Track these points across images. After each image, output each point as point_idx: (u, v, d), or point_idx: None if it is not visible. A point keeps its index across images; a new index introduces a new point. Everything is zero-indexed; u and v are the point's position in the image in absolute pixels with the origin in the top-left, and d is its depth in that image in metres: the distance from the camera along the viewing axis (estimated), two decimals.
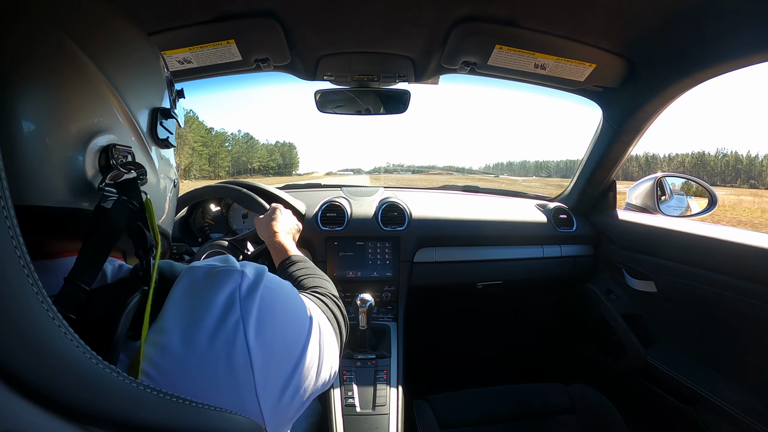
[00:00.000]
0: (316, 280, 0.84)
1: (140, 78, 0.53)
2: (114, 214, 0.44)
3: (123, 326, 0.40)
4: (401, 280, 1.57)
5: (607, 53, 1.22)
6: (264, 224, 1.11)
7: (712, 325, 1.29)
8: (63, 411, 0.31)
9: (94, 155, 0.44)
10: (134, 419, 0.35)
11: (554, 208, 1.75)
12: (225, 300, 0.46)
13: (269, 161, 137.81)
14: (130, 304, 0.41)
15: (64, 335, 0.31)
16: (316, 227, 1.57)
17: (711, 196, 1.61)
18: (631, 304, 1.59)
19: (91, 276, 0.40)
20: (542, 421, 1.45)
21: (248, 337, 0.46)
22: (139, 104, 0.51)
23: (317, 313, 0.63)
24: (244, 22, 1.12)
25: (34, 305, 0.30)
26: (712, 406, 1.23)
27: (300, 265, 0.90)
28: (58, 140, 0.42)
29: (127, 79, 0.49)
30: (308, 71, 1.40)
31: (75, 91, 0.43)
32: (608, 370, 1.67)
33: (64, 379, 0.31)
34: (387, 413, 1.22)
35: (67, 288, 0.38)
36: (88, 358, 0.32)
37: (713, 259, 1.22)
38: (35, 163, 0.40)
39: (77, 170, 0.43)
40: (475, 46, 1.21)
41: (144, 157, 0.52)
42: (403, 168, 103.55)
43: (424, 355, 1.95)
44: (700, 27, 1.01)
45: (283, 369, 0.50)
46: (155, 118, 0.54)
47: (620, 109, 1.43)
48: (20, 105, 0.39)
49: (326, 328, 0.64)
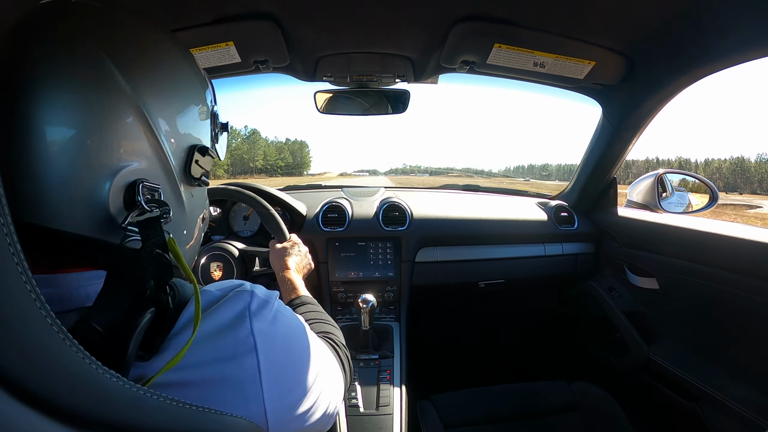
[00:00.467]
0: (325, 326, 0.83)
1: (181, 113, 0.51)
2: (146, 269, 0.42)
3: (134, 346, 0.39)
4: (403, 280, 1.57)
5: (606, 51, 1.22)
6: (279, 256, 1.11)
7: (715, 321, 1.29)
8: (63, 416, 0.31)
9: (120, 189, 0.43)
10: (135, 423, 0.35)
11: (555, 206, 1.75)
12: (235, 315, 0.47)
13: (277, 160, 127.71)
14: (141, 323, 0.40)
15: (63, 341, 0.31)
16: (318, 228, 1.57)
17: (712, 192, 1.61)
18: (633, 302, 1.58)
19: (107, 319, 0.39)
20: (545, 419, 1.45)
21: (258, 350, 0.47)
22: (176, 140, 0.50)
23: (321, 346, 0.63)
24: (243, 24, 1.12)
25: (32, 312, 0.30)
26: (715, 402, 1.22)
27: (310, 307, 0.89)
28: (85, 166, 0.41)
29: (166, 112, 0.48)
30: (307, 72, 1.40)
31: (108, 118, 0.42)
32: (611, 367, 1.67)
33: (64, 385, 0.31)
34: (390, 413, 1.22)
35: (81, 325, 0.37)
36: (87, 363, 0.32)
37: (715, 255, 1.22)
38: (58, 186, 0.39)
39: (100, 200, 0.42)
40: (474, 45, 1.21)
41: (172, 194, 0.51)
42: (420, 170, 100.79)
43: (427, 354, 1.95)
44: (698, 23, 1.01)
45: (292, 384, 0.52)
46: (191, 155, 0.52)
47: (620, 107, 1.43)
48: (42, 118, 0.38)
49: (330, 362, 0.65)
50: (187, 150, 0.52)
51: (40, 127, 0.38)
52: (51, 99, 0.39)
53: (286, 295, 0.98)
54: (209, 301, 0.48)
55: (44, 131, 0.39)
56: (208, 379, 0.44)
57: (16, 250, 0.29)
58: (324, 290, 1.56)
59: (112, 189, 0.42)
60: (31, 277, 0.30)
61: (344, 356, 0.76)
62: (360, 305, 1.32)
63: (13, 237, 0.29)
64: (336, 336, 0.80)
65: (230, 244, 1.25)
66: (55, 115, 0.39)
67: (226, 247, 1.23)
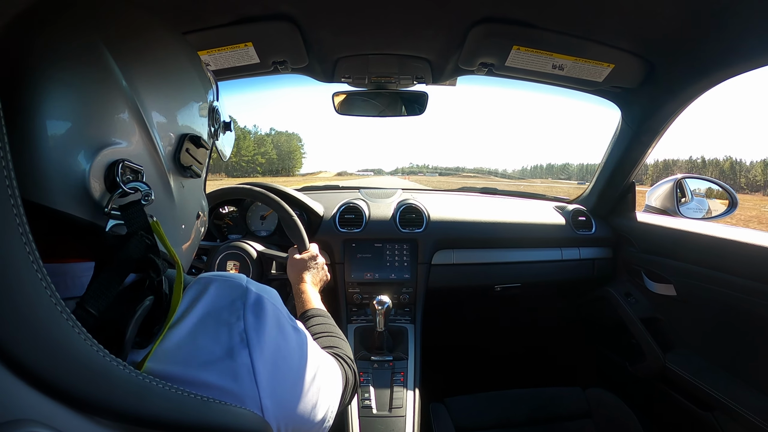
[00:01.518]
0: (332, 339, 0.83)
1: (175, 100, 0.52)
2: (131, 250, 0.43)
3: (131, 332, 0.41)
4: (419, 282, 1.57)
5: (626, 53, 1.21)
6: (297, 268, 1.11)
7: (733, 329, 1.26)
8: (70, 401, 0.32)
9: (101, 168, 0.43)
10: (139, 410, 0.36)
11: (573, 210, 1.74)
12: (229, 308, 0.48)
13: (256, 155, 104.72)
14: (139, 310, 0.42)
15: (72, 328, 0.32)
16: (334, 229, 1.57)
17: (731, 198, 1.59)
18: (649, 308, 1.56)
19: (101, 303, 0.40)
20: (559, 425, 1.44)
21: (251, 347, 0.47)
22: (165, 126, 0.50)
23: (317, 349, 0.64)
24: (262, 25, 1.13)
25: (42, 298, 0.31)
26: (731, 412, 1.20)
27: (320, 320, 0.90)
28: (68, 142, 0.41)
29: (158, 97, 0.48)
30: (326, 73, 1.41)
31: (95, 97, 0.42)
32: (626, 374, 1.65)
33: (72, 370, 0.32)
34: (403, 415, 1.22)
35: (78, 311, 0.38)
36: (95, 351, 0.34)
37: (733, 262, 1.20)
38: (43, 163, 0.40)
39: (81, 179, 0.42)
40: (493, 47, 1.21)
41: (158, 179, 0.50)
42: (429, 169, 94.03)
43: (442, 357, 1.94)
44: (718, 26, 0.99)
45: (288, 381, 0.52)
46: (181, 143, 0.52)
47: (639, 110, 1.41)
48: (40, 101, 0.39)
49: (329, 367, 0.66)
50: (178, 138, 0.52)
51: (33, 104, 0.39)
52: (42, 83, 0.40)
53: (300, 306, 0.99)
54: (200, 290, 0.49)
55: (36, 108, 0.39)
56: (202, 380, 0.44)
57: (28, 239, 0.30)
58: (339, 291, 1.56)
59: (93, 167, 0.42)
60: (42, 266, 0.31)
61: (349, 369, 0.76)
62: (375, 307, 1.32)
63: (26, 227, 0.31)
64: (342, 350, 0.81)
65: (248, 244, 1.25)
66: (47, 93, 0.40)
67: (244, 247, 1.24)
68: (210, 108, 0.59)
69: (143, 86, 0.46)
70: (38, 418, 0.29)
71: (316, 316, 0.92)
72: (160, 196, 0.51)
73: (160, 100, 0.49)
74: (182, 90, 0.53)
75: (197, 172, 0.56)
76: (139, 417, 0.36)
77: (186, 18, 1.10)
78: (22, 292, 0.30)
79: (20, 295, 0.30)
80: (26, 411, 0.29)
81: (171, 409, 0.38)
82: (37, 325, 0.31)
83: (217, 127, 0.61)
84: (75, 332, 0.33)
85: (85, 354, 0.33)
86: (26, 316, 0.30)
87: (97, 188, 0.43)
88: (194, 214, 0.61)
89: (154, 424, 0.37)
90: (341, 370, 0.72)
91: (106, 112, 0.43)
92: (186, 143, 0.52)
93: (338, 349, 0.80)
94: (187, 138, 0.53)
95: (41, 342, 0.31)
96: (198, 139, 0.55)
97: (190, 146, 0.53)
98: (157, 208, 0.49)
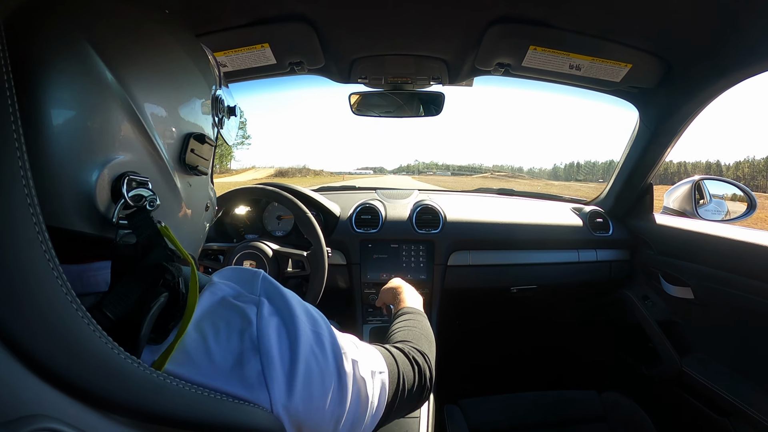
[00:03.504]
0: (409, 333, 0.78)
1: (174, 102, 0.50)
2: (151, 259, 0.43)
3: (146, 328, 0.40)
4: (435, 283, 1.56)
5: (643, 53, 1.20)
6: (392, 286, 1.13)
7: (751, 334, 1.24)
8: (84, 397, 0.33)
9: (107, 183, 0.42)
10: (153, 408, 0.36)
11: (590, 212, 1.72)
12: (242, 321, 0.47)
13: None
14: (154, 307, 0.41)
15: (87, 326, 0.33)
16: (351, 229, 1.57)
17: (750, 200, 1.57)
18: (667, 311, 1.54)
19: (120, 309, 0.40)
20: (574, 428, 1.42)
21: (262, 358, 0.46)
22: (168, 129, 0.48)
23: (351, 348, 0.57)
24: (279, 26, 1.14)
25: (59, 296, 0.32)
26: (748, 418, 1.18)
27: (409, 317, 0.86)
28: (69, 161, 0.40)
29: (155, 101, 0.46)
30: (342, 74, 1.42)
31: (90, 111, 0.41)
32: (642, 378, 1.63)
33: (87, 367, 0.32)
34: (417, 416, 1.22)
35: (95, 313, 0.37)
36: (110, 348, 0.34)
37: (752, 265, 1.18)
38: (47, 184, 0.38)
39: (88, 196, 0.41)
40: (510, 48, 1.20)
41: (165, 185, 0.49)
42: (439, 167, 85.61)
43: (457, 358, 1.94)
44: (737, 25, 0.98)
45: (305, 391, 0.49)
46: (186, 144, 0.51)
47: (657, 111, 1.40)
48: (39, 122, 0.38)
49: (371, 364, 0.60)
50: (182, 138, 0.50)
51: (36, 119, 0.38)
52: (35, 93, 0.38)
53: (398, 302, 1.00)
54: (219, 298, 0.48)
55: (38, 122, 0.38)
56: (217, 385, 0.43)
57: (44, 238, 0.31)
58: (355, 291, 1.56)
59: (99, 183, 0.41)
60: (58, 264, 0.32)
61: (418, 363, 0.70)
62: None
63: (42, 226, 0.32)
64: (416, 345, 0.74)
65: (264, 244, 1.26)
66: (39, 109, 0.38)
67: (261, 247, 1.25)
68: (213, 98, 0.57)
69: (140, 91, 0.44)
70: (53, 414, 0.30)
71: (407, 313, 0.89)
72: (168, 199, 0.50)
73: (159, 102, 0.47)
74: (182, 88, 0.51)
75: (204, 171, 0.55)
76: (153, 414, 0.36)
77: (203, 19, 1.11)
78: (40, 292, 0.31)
79: (37, 294, 0.31)
80: (41, 407, 0.30)
81: (185, 406, 0.38)
82: (53, 323, 0.31)
83: (222, 116, 0.59)
84: (90, 330, 0.33)
85: (101, 352, 0.33)
86: (42, 314, 0.31)
87: (103, 203, 0.42)
88: (203, 207, 0.60)
89: (167, 421, 0.37)
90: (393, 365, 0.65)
91: (104, 127, 0.42)
92: (191, 143, 0.51)
93: (409, 344, 0.74)
94: (192, 137, 0.51)
95: (57, 340, 0.31)
96: (202, 136, 0.53)
97: (195, 145, 0.52)
98: (164, 211, 0.48)
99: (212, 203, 0.64)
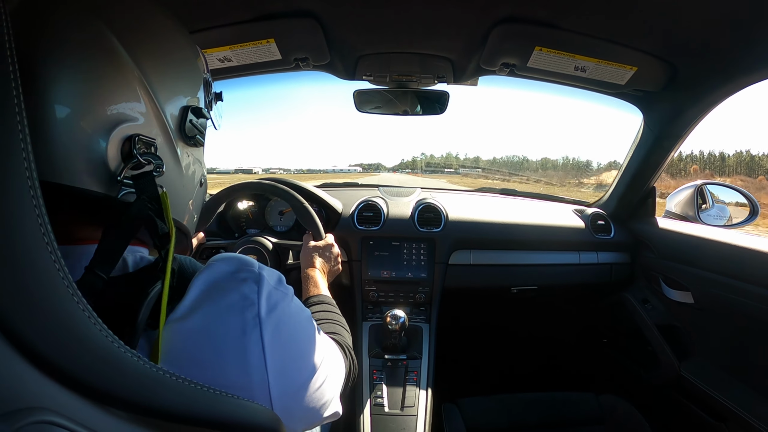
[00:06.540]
0: (334, 326, 0.84)
1: (175, 75, 0.55)
2: (134, 211, 0.46)
3: (143, 313, 0.42)
4: (436, 281, 1.56)
5: (649, 56, 1.19)
6: (308, 252, 1.14)
7: (751, 340, 1.24)
8: (83, 391, 0.33)
9: (117, 143, 0.46)
10: (152, 402, 0.36)
11: (592, 214, 1.72)
12: (244, 295, 0.49)
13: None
14: (151, 293, 0.43)
15: (88, 319, 0.33)
16: (353, 226, 1.57)
17: (753, 205, 1.56)
18: (667, 315, 1.54)
19: (109, 266, 0.42)
20: (571, 430, 1.43)
21: (264, 335, 0.48)
22: (170, 100, 0.53)
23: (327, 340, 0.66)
24: (284, 21, 1.14)
25: (59, 288, 0.32)
26: (744, 424, 1.18)
27: (324, 307, 0.91)
28: (85, 124, 0.44)
29: (161, 74, 0.51)
30: (347, 71, 1.41)
31: (106, 80, 0.45)
32: (640, 381, 1.63)
33: (86, 360, 0.33)
34: (415, 414, 1.22)
35: (87, 276, 0.40)
36: (110, 342, 0.34)
37: (753, 271, 1.17)
38: (61, 144, 0.42)
39: (99, 155, 0.45)
40: (515, 48, 1.20)
41: (168, 151, 0.53)
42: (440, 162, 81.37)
43: (456, 357, 1.94)
44: (743, 30, 0.98)
45: (297, 373, 0.53)
46: (185, 115, 0.56)
47: (661, 114, 1.40)
48: (52, 87, 0.41)
49: (335, 356, 0.67)
50: (182, 110, 0.55)
51: (46, 91, 0.41)
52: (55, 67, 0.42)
53: (305, 291, 1.00)
54: (215, 279, 0.49)
55: (49, 94, 0.41)
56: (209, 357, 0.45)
57: (43, 220, 0.31)
58: (356, 288, 1.56)
59: (110, 143, 0.45)
60: (56, 248, 0.32)
61: (350, 358, 0.77)
62: (389, 321, 1.32)
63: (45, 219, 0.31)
64: (344, 338, 0.82)
65: (265, 238, 1.27)
66: (58, 80, 0.42)
67: (261, 241, 1.26)
68: (204, 81, 0.62)
69: (149, 66, 0.49)
70: (51, 407, 0.30)
71: (321, 302, 0.93)
72: (171, 166, 0.54)
73: (164, 76, 0.52)
74: (181, 65, 0.56)
75: (201, 141, 0.61)
76: (151, 408, 0.36)
77: (210, 13, 1.11)
78: (37, 280, 0.31)
79: (35, 283, 0.31)
80: (40, 399, 0.30)
81: (183, 401, 0.38)
82: (52, 315, 0.31)
83: (211, 98, 0.64)
84: (91, 322, 0.33)
85: (100, 344, 0.34)
86: (41, 304, 0.31)
87: (113, 162, 0.46)
88: (198, 181, 0.65)
89: (165, 416, 0.37)
90: (344, 358, 0.73)
91: (118, 92, 0.46)
92: (189, 114, 0.56)
93: (340, 337, 0.80)
94: (190, 110, 0.56)
95: (56, 332, 0.31)
96: (199, 110, 0.58)
97: (192, 117, 0.57)
98: (167, 179, 0.53)
99: (205, 180, 0.68)
